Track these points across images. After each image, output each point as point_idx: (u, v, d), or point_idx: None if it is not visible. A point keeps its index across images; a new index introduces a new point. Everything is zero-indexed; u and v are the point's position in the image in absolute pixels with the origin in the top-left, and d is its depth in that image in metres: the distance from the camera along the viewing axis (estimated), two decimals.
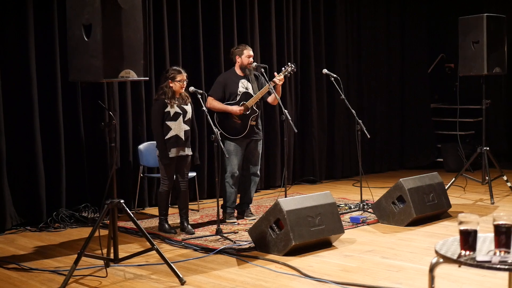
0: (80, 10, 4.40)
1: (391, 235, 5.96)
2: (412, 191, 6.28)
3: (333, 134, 9.62)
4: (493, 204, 7.26)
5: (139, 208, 7.33)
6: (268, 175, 8.77)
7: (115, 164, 4.75)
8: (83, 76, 4.49)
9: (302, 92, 9.19)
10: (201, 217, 6.86)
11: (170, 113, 5.98)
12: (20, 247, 5.75)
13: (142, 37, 4.51)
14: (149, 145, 7.13)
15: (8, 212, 6.33)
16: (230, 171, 6.54)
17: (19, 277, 4.83)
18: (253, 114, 6.55)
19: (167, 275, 4.72)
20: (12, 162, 6.43)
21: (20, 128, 6.52)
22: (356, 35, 9.93)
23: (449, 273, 4.54)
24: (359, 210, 6.94)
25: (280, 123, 8.55)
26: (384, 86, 10.30)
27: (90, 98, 6.99)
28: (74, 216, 6.72)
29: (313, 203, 5.50)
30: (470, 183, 8.24)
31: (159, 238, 5.90)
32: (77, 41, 4.45)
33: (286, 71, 6.54)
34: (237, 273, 4.85)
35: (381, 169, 10.25)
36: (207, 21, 8.03)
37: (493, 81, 9.64)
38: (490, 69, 7.42)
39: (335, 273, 4.77)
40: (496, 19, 7.51)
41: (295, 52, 9.03)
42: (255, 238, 5.50)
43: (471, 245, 2.85)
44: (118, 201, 4.69)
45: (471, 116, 10.06)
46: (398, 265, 4.98)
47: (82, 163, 6.97)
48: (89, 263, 5.01)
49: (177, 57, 7.64)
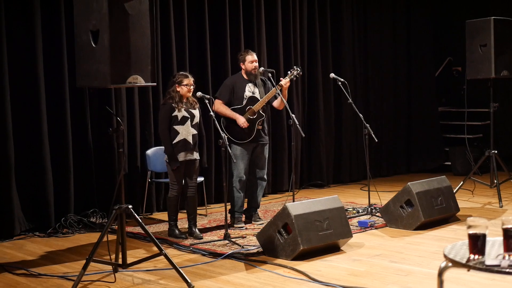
0: (88, 16, 4.42)
1: (399, 239, 5.94)
2: (420, 195, 6.26)
3: (340, 138, 9.61)
4: (501, 208, 7.24)
5: (147, 213, 7.34)
6: (275, 180, 8.77)
7: (123, 169, 4.76)
8: (91, 81, 4.50)
9: (309, 97, 9.19)
10: (209, 222, 6.86)
11: (178, 117, 5.99)
12: (28, 253, 5.76)
13: (149, 43, 4.52)
14: (156, 150, 7.14)
15: (16, 217, 6.35)
16: (237, 176, 6.54)
17: (28, 282, 4.84)
18: (260, 118, 6.55)
19: (176, 280, 4.73)
20: (20, 168, 6.46)
21: (28, 133, 6.55)
22: (362, 39, 9.93)
23: (458, 277, 4.52)
24: (367, 214, 6.93)
25: (287, 128, 8.56)
26: (391, 90, 10.29)
27: (98, 103, 7.01)
28: (82, 222, 6.74)
29: (321, 207, 5.50)
30: (479, 187, 8.22)
31: (167, 243, 5.91)
32: (84, 47, 4.46)
33: (292, 75, 6.54)
34: (245, 277, 4.84)
35: (389, 173, 10.23)
36: (214, 26, 8.05)
37: (500, 84, 9.61)
38: (498, 72, 7.40)
39: (344, 278, 4.76)
40: (503, 22, 7.50)
41: (302, 56, 9.03)
42: (263, 243, 5.49)
43: (480, 249, 2.84)
44: (126, 206, 4.69)
45: (479, 119, 10.04)
46: (406, 269, 4.97)
47: (90, 169, 6.98)
48: (98, 268, 5.02)
49: (184, 62, 7.66)
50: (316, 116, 9.21)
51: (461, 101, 9.01)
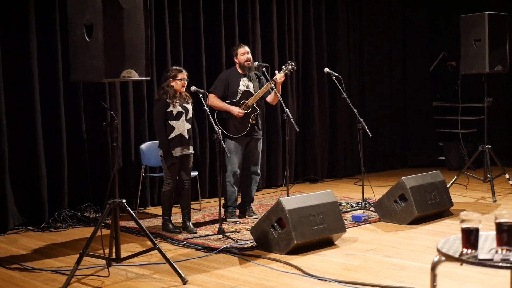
0: (82, 10, 4.40)
1: (393, 234, 5.96)
2: (414, 190, 6.28)
3: (334, 133, 9.62)
4: (495, 202, 7.26)
5: (141, 208, 7.34)
6: (270, 174, 8.78)
7: (117, 163, 4.76)
8: (85, 76, 4.49)
9: (303, 91, 9.19)
10: (203, 217, 6.87)
11: (173, 113, 5.98)
12: (22, 247, 5.76)
13: (144, 37, 4.51)
14: (151, 144, 7.13)
15: (10, 212, 6.34)
16: (230, 170, 6.54)
17: (21, 277, 4.84)
18: (254, 112, 6.55)
19: (169, 274, 4.73)
20: (14, 162, 6.44)
21: (22, 128, 6.53)
22: (357, 33, 9.93)
23: (451, 271, 4.54)
24: (361, 208, 6.94)
25: (281, 122, 8.56)
26: (386, 84, 10.30)
27: (92, 98, 7.00)
28: (76, 216, 6.73)
29: (315, 202, 5.50)
30: (472, 181, 8.24)
31: (161, 238, 5.90)
32: (78, 42, 4.45)
33: (287, 69, 6.54)
34: (239, 272, 4.85)
35: (383, 167, 10.24)
36: (209, 20, 8.03)
37: (495, 79, 9.62)
38: (492, 67, 7.41)
39: (337, 272, 4.77)
40: (498, 17, 7.51)
41: (297, 51, 9.03)
42: (257, 237, 5.50)
43: (473, 243, 2.85)
44: (120, 200, 4.69)
45: (473, 114, 10.06)
46: (400, 263, 4.98)
47: (84, 163, 6.97)
48: (91, 262, 5.01)
49: (179, 57, 7.65)
50: (311, 110, 9.21)
51: (455, 96, 9.03)
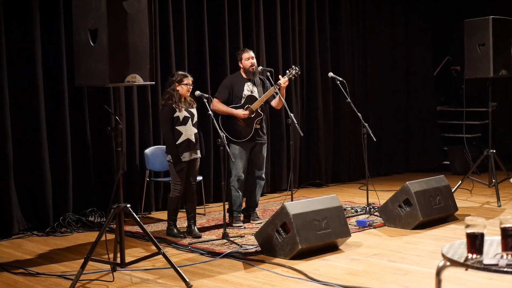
0: (86, 14, 4.41)
1: (397, 239, 5.94)
2: (419, 194, 6.27)
3: (339, 138, 9.61)
4: (500, 207, 7.24)
5: (145, 213, 7.34)
6: (274, 179, 8.77)
7: (121, 168, 4.75)
8: (89, 80, 4.50)
9: (308, 96, 9.19)
10: (208, 221, 6.86)
11: (180, 118, 5.98)
12: (26, 252, 5.76)
13: (148, 42, 4.52)
14: (155, 149, 7.14)
15: (15, 217, 6.35)
16: (235, 175, 6.54)
17: (26, 281, 4.84)
18: (258, 117, 6.55)
19: (174, 279, 4.73)
20: (19, 167, 6.45)
21: (27, 132, 6.54)
22: (361, 38, 9.93)
23: (456, 276, 4.52)
24: (365, 213, 6.93)
25: (286, 127, 8.55)
26: (390, 89, 10.29)
27: (97, 102, 7.00)
28: (80, 221, 6.73)
29: (320, 206, 5.50)
30: (477, 186, 8.22)
31: (166, 242, 5.90)
32: (83, 46, 4.46)
33: (291, 74, 6.54)
34: (243, 277, 4.85)
35: (387, 172, 10.23)
36: (213, 25, 8.04)
37: (499, 84, 9.62)
38: (496, 71, 7.40)
39: (342, 277, 4.76)
40: (502, 22, 7.50)
41: (301, 56, 9.03)
42: (261, 242, 5.49)
43: (478, 248, 2.84)
44: (124, 205, 4.69)
45: (477, 118, 10.04)
46: (405, 268, 4.97)
47: (89, 168, 6.98)
48: (96, 267, 5.02)
49: (183, 61, 7.65)
50: (315, 115, 9.21)
51: (460, 100, 9.01)
